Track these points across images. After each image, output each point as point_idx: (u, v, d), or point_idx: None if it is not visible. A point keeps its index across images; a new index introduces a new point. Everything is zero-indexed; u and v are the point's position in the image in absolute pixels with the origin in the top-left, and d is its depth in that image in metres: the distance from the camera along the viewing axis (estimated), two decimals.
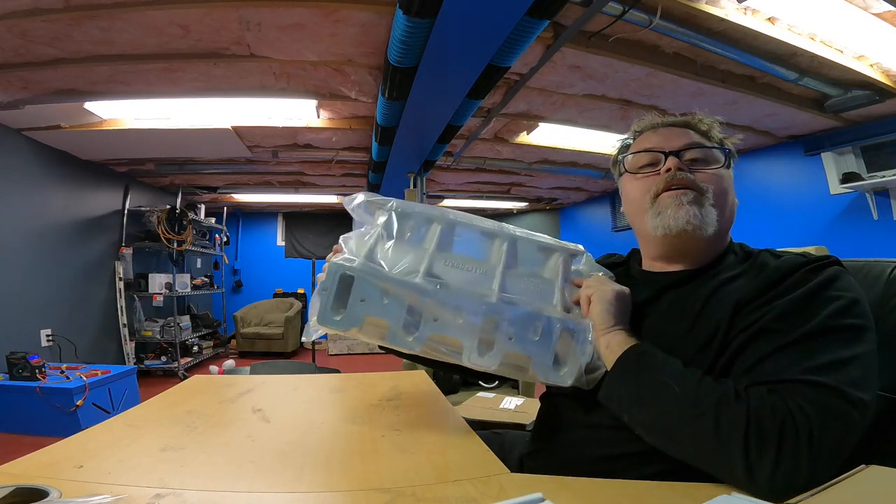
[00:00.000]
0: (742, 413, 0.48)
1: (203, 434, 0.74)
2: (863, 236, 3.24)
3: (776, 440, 0.46)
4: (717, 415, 0.49)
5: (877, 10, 1.90)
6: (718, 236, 0.69)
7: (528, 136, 3.60)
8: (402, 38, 1.77)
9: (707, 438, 0.50)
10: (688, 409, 0.52)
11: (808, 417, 0.46)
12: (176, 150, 3.76)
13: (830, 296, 0.56)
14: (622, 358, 0.60)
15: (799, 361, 0.51)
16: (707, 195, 0.67)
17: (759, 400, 0.48)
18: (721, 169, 0.70)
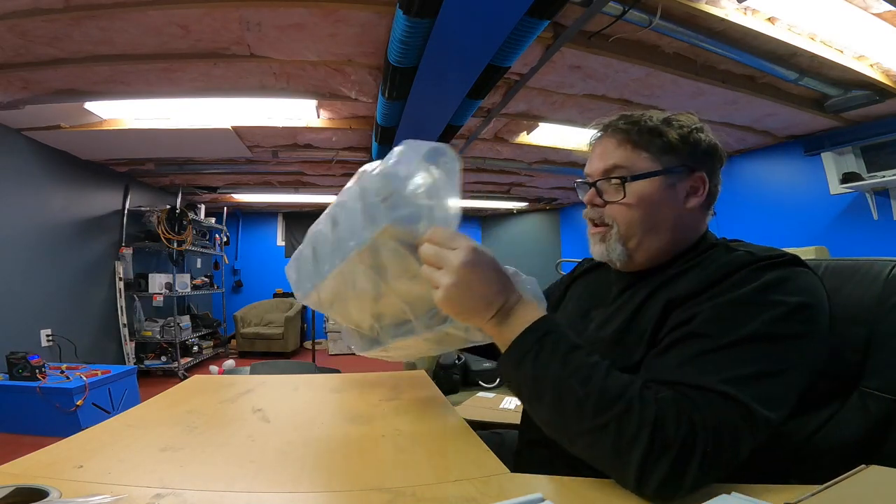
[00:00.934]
0: (648, 421, 0.46)
1: (203, 434, 0.74)
2: (863, 236, 3.24)
3: (675, 451, 0.45)
4: (619, 427, 0.47)
5: (877, 10, 1.90)
6: (660, 252, 0.66)
7: (528, 136, 3.60)
8: (402, 38, 1.76)
9: (607, 447, 0.48)
10: (590, 417, 0.48)
11: (708, 434, 0.46)
12: (176, 150, 3.76)
13: (772, 300, 0.53)
14: (517, 342, 0.53)
15: (721, 369, 0.50)
16: (612, 231, 0.67)
17: (666, 408, 0.47)
18: (645, 189, 0.65)
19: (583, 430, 0.49)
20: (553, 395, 0.50)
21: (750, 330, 0.51)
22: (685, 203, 0.66)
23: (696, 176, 0.66)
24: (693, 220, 0.67)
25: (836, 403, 0.67)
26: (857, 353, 0.66)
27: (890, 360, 0.63)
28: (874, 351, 0.65)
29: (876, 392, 0.63)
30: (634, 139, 0.66)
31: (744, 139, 3.69)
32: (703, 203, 0.67)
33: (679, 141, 0.65)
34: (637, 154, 0.66)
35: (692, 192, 0.66)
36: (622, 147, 0.67)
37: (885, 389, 0.62)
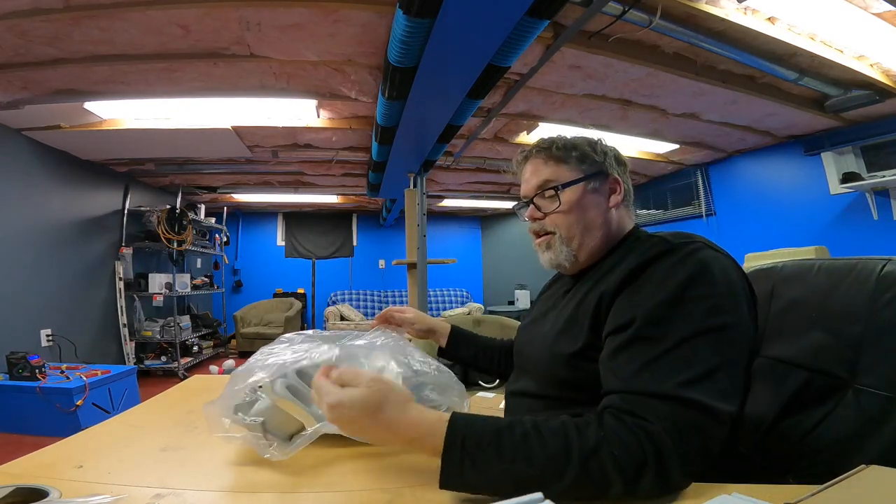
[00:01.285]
0: (606, 456, 0.48)
1: (203, 434, 0.74)
2: (863, 236, 3.24)
3: (652, 462, 0.48)
4: (585, 471, 0.48)
5: (877, 10, 1.90)
6: (598, 249, 0.75)
7: (528, 136, 3.60)
8: (402, 38, 1.76)
9: (584, 489, 0.48)
10: (552, 481, 0.48)
11: (672, 437, 0.49)
12: (176, 150, 3.76)
13: (697, 295, 0.57)
14: (445, 463, 0.50)
15: (671, 375, 0.53)
16: (556, 236, 0.76)
17: (617, 434, 0.50)
18: (574, 195, 0.75)
19: (558, 493, 0.47)
20: (512, 487, 0.48)
21: (686, 330, 0.55)
22: (608, 202, 0.75)
23: (612, 178, 0.76)
24: (619, 217, 0.77)
25: (832, 401, 0.67)
26: (852, 350, 0.67)
27: (883, 357, 0.64)
28: (867, 348, 0.65)
29: (869, 389, 0.63)
30: (555, 155, 0.76)
31: (744, 139, 3.69)
32: (623, 202, 0.77)
33: (591, 150, 0.76)
34: (560, 167, 0.76)
35: (612, 192, 0.76)
36: (547, 164, 0.77)
37: (878, 386, 0.63)
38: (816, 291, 0.76)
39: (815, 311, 0.75)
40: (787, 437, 0.72)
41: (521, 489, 0.46)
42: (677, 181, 4.73)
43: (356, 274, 7.11)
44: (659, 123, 3.31)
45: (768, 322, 0.84)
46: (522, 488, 0.46)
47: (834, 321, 0.71)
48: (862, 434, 0.62)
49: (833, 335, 0.71)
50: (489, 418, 0.54)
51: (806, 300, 0.78)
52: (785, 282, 0.84)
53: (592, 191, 0.75)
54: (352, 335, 0.89)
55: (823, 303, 0.74)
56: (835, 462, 0.63)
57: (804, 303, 0.78)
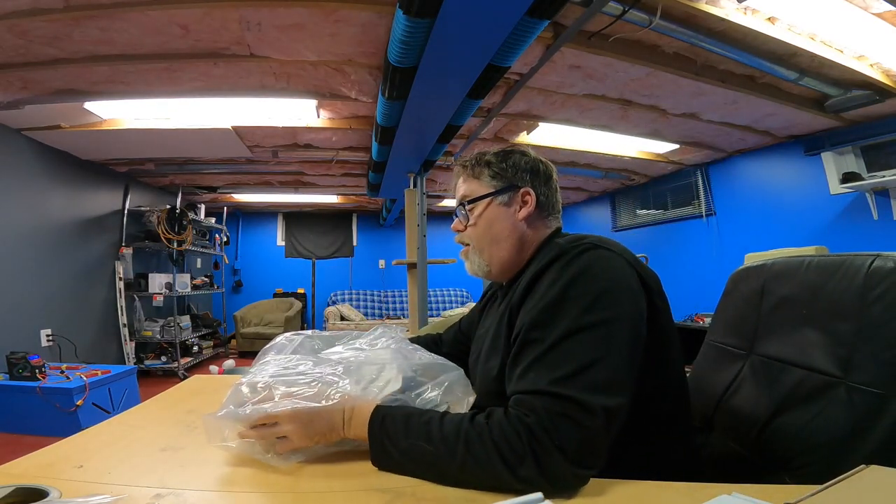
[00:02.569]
0: (488, 442, 0.54)
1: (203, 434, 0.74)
2: (863, 236, 3.24)
3: (529, 452, 0.52)
4: (475, 458, 0.54)
5: (877, 10, 1.90)
6: (509, 260, 0.79)
7: (528, 136, 3.60)
8: (402, 38, 1.76)
9: (474, 473, 0.54)
10: (446, 460, 0.56)
11: (546, 429, 0.53)
12: (176, 150, 3.76)
13: (576, 294, 0.61)
14: (370, 440, 0.61)
15: (547, 373, 0.57)
16: (470, 248, 0.82)
17: (500, 425, 0.55)
18: (482, 210, 0.80)
19: (454, 474, 0.56)
20: (417, 460, 0.58)
21: (563, 329, 0.58)
22: (517, 215, 0.79)
23: (522, 191, 0.79)
24: (533, 228, 0.80)
25: (825, 399, 0.67)
26: (843, 348, 0.67)
27: (873, 354, 0.64)
28: (859, 345, 0.65)
29: (861, 386, 0.64)
30: (470, 172, 0.82)
31: (744, 139, 3.69)
32: (536, 212, 0.80)
33: (501, 167, 0.80)
34: (475, 183, 0.82)
35: (523, 204, 0.79)
36: (467, 181, 0.83)
37: (869, 383, 0.63)
38: (806, 288, 0.76)
39: (806, 309, 0.75)
40: (782, 434, 0.72)
41: (426, 467, 0.57)
42: (677, 181, 4.73)
43: (356, 274, 7.11)
44: (659, 123, 3.31)
45: (760, 320, 0.84)
46: (427, 466, 0.57)
47: (824, 318, 0.72)
48: (855, 431, 0.62)
49: (824, 332, 0.71)
50: (407, 407, 0.64)
51: (796, 297, 0.78)
52: (775, 279, 0.84)
53: (501, 204, 0.79)
54: (351, 335, 0.89)
55: (813, 300, 0.74)
56: (830, 460, 0.63)
57: (795, 300, 0.78)
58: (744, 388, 0.83)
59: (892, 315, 0.63)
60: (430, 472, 0.57)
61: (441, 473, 0.56)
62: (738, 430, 0.81)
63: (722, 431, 0.85)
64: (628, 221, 5.59)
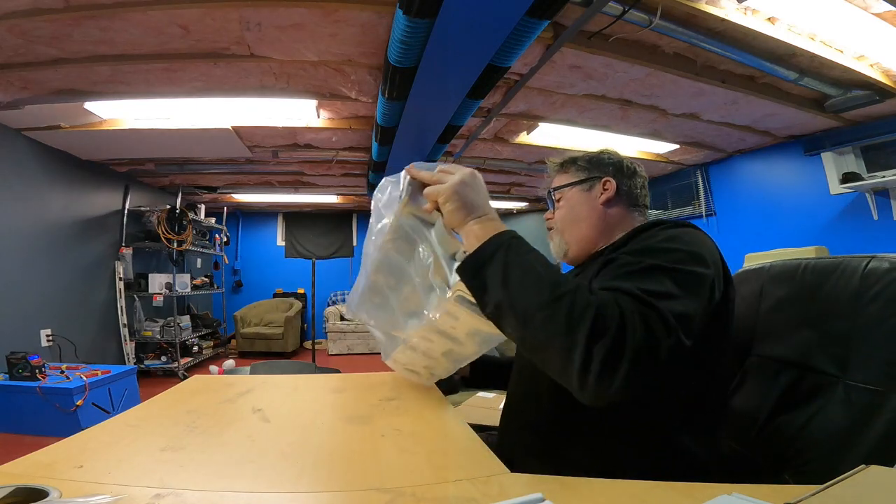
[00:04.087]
0: (592, 304, 0.54)
1: (203, 434, 0.74)
2: (863, 236, 3.24)
3: (610, 337, 0.51)
4: (573, 300, 0.54)
5: (877, 10, 1.90)
6: (587, 237, 0.87)
7: (528, 136, 3.60)
8: (402, 38, 1.76)
9: (560, 322, 0.53)
10: (548, 291, 0.55)
11: (635, 324, 0.52)
12: (176, 150, 3.76)
13: (673, 248, 0.65)
14: (490, 241, 0.62)
15: (638, 283, 0.58)
16: (555, 230, 0.92)
17: (604, 297, 0.55)
18: (577, 198, 0.89)
19: (543, 303, 0.55)
20: (518, 275, 0.58)
21: (657, 262, 0.62)
22: (598, 200, 0.87)
23: (603, 180, 0.88)
24: (614, 214, 0.87)
25: (823, 398, 0.68)
26: (840, 347, 0.68)
27: (870, 353, 0.65)
28: (855, 344, 0.67)
29: (859, 384, 0.65)
30: (560, 168, 0.94)
31: (744, 139, 3.69)
32: (617, 200, 0.87)
33: (587, 161, 0.91)
34: (564, 176, 0.93)
35: (604, 191, 0.87)
36: (558, 175, 0.95)
37: (866, 381, 0.64)
38: (803, 290, 0.78)
39: (803, 310, 0.77)
40: (782, 433, 0.72)
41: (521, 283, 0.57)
42: (677, 181, 4.73)
43: (356, 274, 7.08)
44: (659, 123, 3.31)
45: (758, 321, 0.86)
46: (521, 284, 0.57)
47: (821, 318, 0.73)
48: (853, 429, 0.63)
49: (821, 332, 0.72)
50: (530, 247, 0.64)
51: (793, 299, 0.80)
52: (773, 281, 0.86)
53: (584, 191, 0.89)
54: None
55: (811, 301, 0.76)
56: (829, 457, 0.64)
57: (792, 301, 0.80)
58: (743, 388, 0.84)
59: (889, 313, 0.64)
60: (518, 292, 0.57)
61: (528, 300, 0.56)
62: (737, 429, 0.81)
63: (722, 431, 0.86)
64: None
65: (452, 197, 0.65)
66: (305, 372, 2.55)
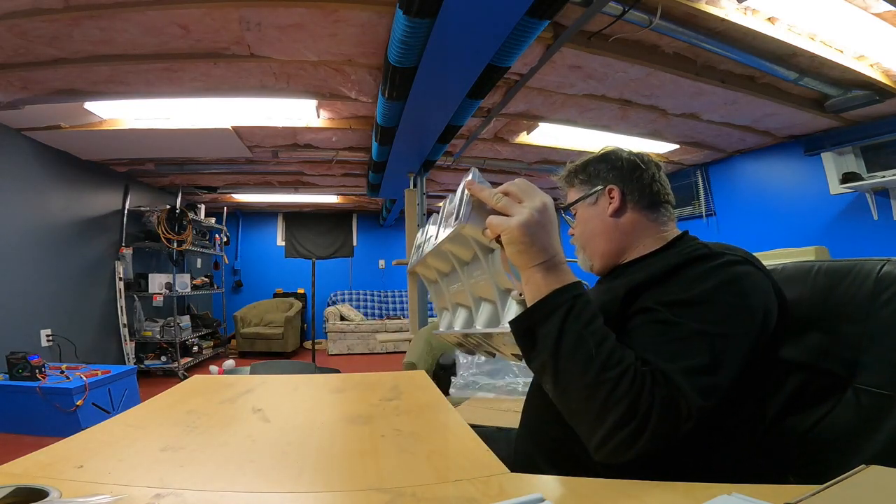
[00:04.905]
0: (629, 394, 0.53)
1: (203, 434, 0.74)
2: (863, 236, 3.24)
3: (635, 424, 0.53)
4: (615, 386, 0.54)
5: (877, 10, 1.90)
6: (607, 251, 0.85)
7: (528, 136, 3.60)
8: (402, 38, 1.76)
9: (596, 404, 0.54)
10: (594, 372, 0.55)
11: (662, 413, 0.53)
12: (176, 150, 3.76)
13: (724, 300, 0.61)
14: (550, 299, 0.57)
15: (678, 358, 0.57)
16: (578, 246, 0.90)
17: (645, 382, 0.55)
18: (586, 215, 0.87)
19: (586, 383, 0.55)
20: (570, 347, 0.56)
21: (700, 326, 0.59)
22: (607, 212, 0.84)
23: (608, 189, 0.84)
24: (629, 222, 0.83)
25: (832, 400, 0.67)
26: (851, 350, 0.67)
27: (881, 356, 0.64)
28: (867, 347, 0.66)
29: (869, 388, 0.64)
30: (567, 183, 0.92)
31: (744, 139, 3.69)
32: (627, 206, 0.83)
33: (587, 172, 0.88)
34: (572, 192, 0.90)
35: (610, 202, 0.84)
36: (569, 190, 0.92)
37: (877, 385, 0.63)
38: (816, 292, 0.77)
39: (815, 312, 0.76)
40: (788, 435, 0.72)
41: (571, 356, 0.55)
42: (677, 181, 4.72)
43: (356, 274, 7.11)
44: (659, 123, 3.31)
45: None
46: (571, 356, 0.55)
47: (833, 321, 0.72)
48: (861, 432, 0.63)
49: (832, 335, 0.71)
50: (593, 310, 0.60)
51: (806, 301, 0.78)
52: (785, 283, 0.84)
53: (590, 205, 0.87)
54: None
55: (823, 303, 0.75)
56: (835, 461, 0.63)
57: (804, 303, 0.78)
58: None
59: None
60: (567, 363, 0.55)
61: (571, 374, 0.55)
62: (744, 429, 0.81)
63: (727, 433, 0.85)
64: None
65: (520, 238, 0.57)
66: (305, 372, 2.55)
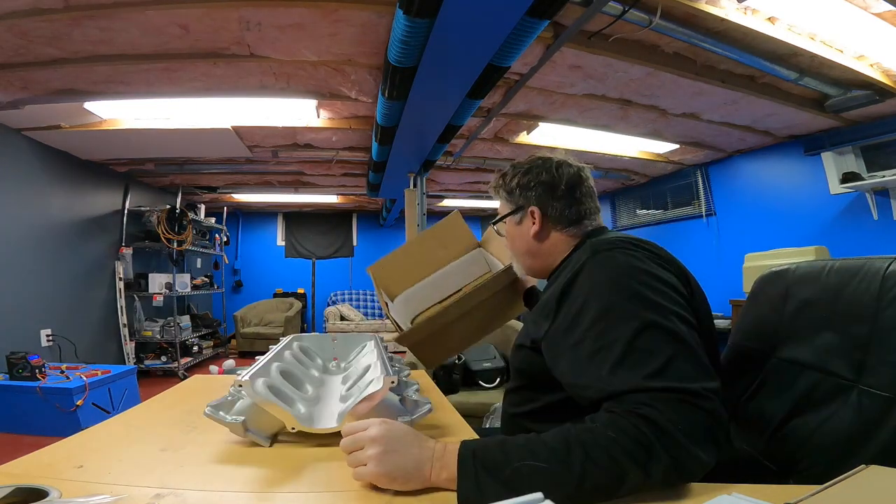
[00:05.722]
0: (608, 441, 0.50)
1: (203, 434, 0.74)
2: (863, 236, 3.24)
3: (657, 443, 0.49)
4: (590, 459, 0.49)
5: (877, 10, 1.89)
6: (534, 268, 0.88)
7: (528, 136, 3.60)
8: (402, 38, 1.76)
9: (598, 479, 0.49)
10: (564, 474, 0.49)
11: (670, 418, 0.50)
12: (176, 150, 3.76)
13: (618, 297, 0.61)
14: (460, 476, 0.52)
15: (637, 372, 0.54)
16: (512, 255, 0.91)
17: (615, 423, 0.51)
18: (513, 232, 0.88)
19: (575, 487, 0.49)
20: (527, 486, 0.48)
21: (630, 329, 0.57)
22: (529, 232, 0.84)
23: (529, 210, 0.84)
24: (552, 242, 0.83)
25: (837, 402, 0.67)
26: (860, 351, 0.67)
27: (885, 358, 0.63)
28: (874, 348, 0.65)
29: (872, 390, 0.63)
30: (494, 192, 0.90)
31: (744, 139, 3.69)
32: (550, 225, 0.83)
33: (511, 186, 0.85)
34: (500, 202, 0.89)
35: (533, 223, 0.83)
36: (498, 199, 0.90)
37: (880, 386, 0.63)
38: (827, 292, 0.76)
39: (826, 312, 0.75)
40: (792, 437, 0.72)
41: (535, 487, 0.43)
42: (677, 181, 4.73)
43: (356, 274, 7.11)
44: (659, 123, 3.30)
45: (782, 324, 0.84)
46: (536, 486, 0.43)
47: (843, 322, 0.71)
48: (861, 434, 0.62)
49: (842, 336, 0.71)
50: (494, 437, 0.57)
51: (817, 301, 0.78)
52: (798, 283, 0.83)
53: (515, 223, 0.87)
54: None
55: (833, 303, 0.74)
56: (835, 462, 0.63)
57: (816, 304, 0.78)
58: (761, 392, 0.83)
59: None
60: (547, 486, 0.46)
61: (560, 493, 0.46)
62: (750, 432, 0.81)
63: (734, 433, 0.85)
64: (628, 221, 5.60)
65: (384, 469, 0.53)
66: None
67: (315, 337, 1.20)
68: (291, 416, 0.68)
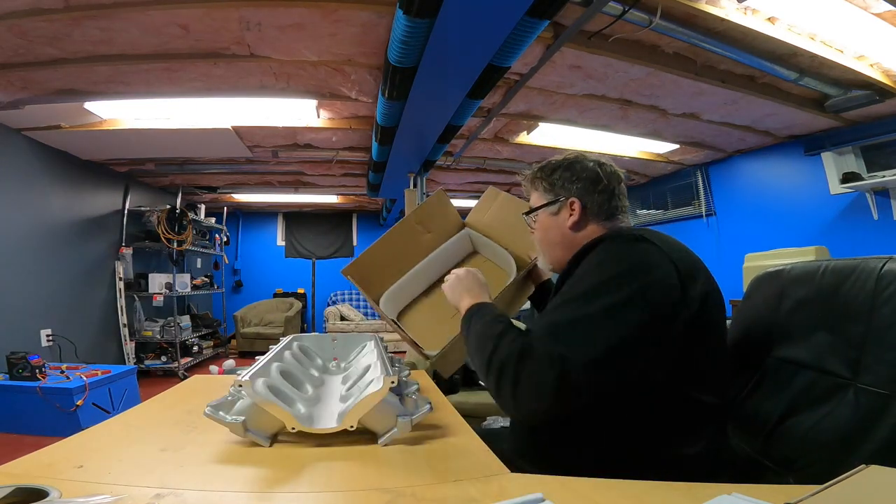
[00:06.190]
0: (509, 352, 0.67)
1: (203, 434, 0.74)
2: (863, 236, 3.24)
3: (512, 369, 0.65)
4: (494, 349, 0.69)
5: (877, 10, 1.90)
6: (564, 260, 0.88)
7: (528, 136, 3.60)
8: (402, 38, 1.76)
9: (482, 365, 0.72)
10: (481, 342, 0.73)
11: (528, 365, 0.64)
12: (176, 150, 3.76)
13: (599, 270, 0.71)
14: (464, 316, 0.85)
15: (553, 333, 0.67)
16: (538, 248, 0.96)
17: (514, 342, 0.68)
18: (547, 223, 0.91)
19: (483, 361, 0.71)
20: (474, 340, 0.77)
21: (572, 294, 0.70)
22: (566, 223, 0.87)
23: (569, 201, 0.86)
24: (584, 232, 0.86)
25: (834, 401, 0.67)
26: (855, 350, 0.67)
27: (881, 356, 0.64)
28: (869, 347, 0.66)
29: (868, 387, 0.64)
30: (531, 184, 0.94)
31: (744, 139, 3.69)
32: (586, 219, 0.86)
33: (551, 179, 0.89)
34: (535, 195, 0.93)
35: (571, 213, 0.86)
36: (533, 192, 0.94)
37: (876, 384, 0.63)
38: (823, 292, 0.77)
39: (821, 312, 0.76)
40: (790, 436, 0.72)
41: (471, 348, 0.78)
42: (677, 181, 4.72)
43: None
44: (659, 123, 3.31)
45: (778, 323, 0.84)
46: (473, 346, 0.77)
47: (838, 321, 0.72)
48: (858, 432, 0.62)
49: (838, 335, 0.71)
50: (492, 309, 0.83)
51: (812, 301, 0.78)
52: (793, 283, 0.84)
53: (551, 214, 0.89)
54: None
55: (829, 303, 0.75)
56: (832, 460, 0.63)
57: (811, 303, 0.78)
58: (758, 391, 0.84)
59: None
60: (474, 351, 0.76)
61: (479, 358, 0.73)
62: (748, 431, 0.81)
63: (732, 433, 0.85)
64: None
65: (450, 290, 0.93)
66: None
67: (315, 337, 1.20)
68: (291, 417, 0.68)
